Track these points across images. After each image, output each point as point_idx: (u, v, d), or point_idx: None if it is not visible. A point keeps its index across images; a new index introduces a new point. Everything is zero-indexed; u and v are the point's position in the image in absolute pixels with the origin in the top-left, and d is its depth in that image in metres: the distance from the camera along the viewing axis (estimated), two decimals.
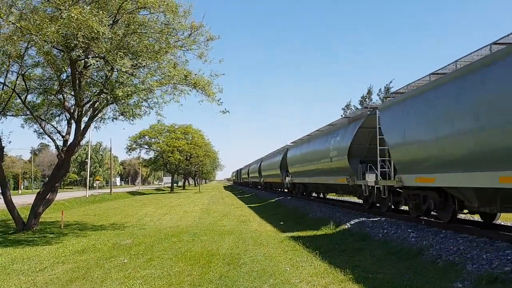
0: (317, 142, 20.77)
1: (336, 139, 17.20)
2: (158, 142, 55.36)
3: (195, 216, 19.90)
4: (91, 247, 11.03)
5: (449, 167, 9.07)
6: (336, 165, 17.05)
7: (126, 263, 8.74)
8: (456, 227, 10.10)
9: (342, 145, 16.23)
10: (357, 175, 15.07)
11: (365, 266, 7.95)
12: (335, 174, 17.52)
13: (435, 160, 9.67)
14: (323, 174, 19.44)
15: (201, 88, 14.07)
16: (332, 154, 17.43)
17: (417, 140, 10.41)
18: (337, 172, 17.12)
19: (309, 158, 21.75)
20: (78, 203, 33.51)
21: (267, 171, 39.75)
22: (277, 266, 8.17)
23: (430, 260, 7.92)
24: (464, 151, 8.48)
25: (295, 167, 25.58)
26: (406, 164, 11.17)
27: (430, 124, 9.77)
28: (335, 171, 17.36)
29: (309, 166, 21.83)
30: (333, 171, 17.62)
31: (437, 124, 9.47)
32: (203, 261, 8.64)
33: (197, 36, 14.01)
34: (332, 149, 17.45)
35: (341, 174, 16.56)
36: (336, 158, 16.93)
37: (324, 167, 18.99)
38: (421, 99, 10.42)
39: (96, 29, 10.41)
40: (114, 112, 15.36)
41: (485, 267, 6.68)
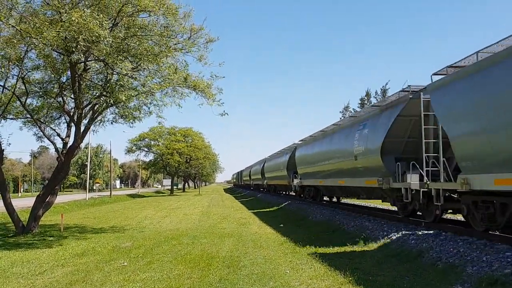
0: (335, 138, 17.71)
1: (363, 132, 14.17)
2: (158, 144, 55.35)
3: (195, 218, 19.89)
4: (90, 250, 11.02)
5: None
6: (363, 164, 14.04)
7: (125, 266, 8.73)
8: (457, 229, 10.09)
9: (373, 139, 13.17)
10: (394, 176, 12.19)
11: (365, 268, 7.94)
12: (361, 175, 14.43)
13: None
14: (343, 175, 16.34)
15: (200, 90, 14.08)
16: (357, 151, 14.32)
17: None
18: (364, 172, 14.08)
19: (325, 157, 18.82)
20: (78, 206, 33.51)
21: (271, 172, 36.69)
22: (277, 268, 8.16)
23: (430, 262, 7.92)
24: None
25: (306, 168, 22.65)
26: (481, 160, 8.26)
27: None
28: (361, 172, 14.34)
29: (325, 166, 18.88)
30: (358, 171, 14.56)
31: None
32: (202, 264, 8.63)
33: (196, 38, 14.06)
34: (357, 145, 14.36)
35: (370, 175, 13.57)
36: (363, 156, 13.90)
37: (345, 167, 15.97)
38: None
39: (96, 32, 10.45)
40: (113, 115, 15.35)
41: (485, 269, 6.67)
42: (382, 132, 12.56)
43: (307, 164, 22.33)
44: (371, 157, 13.31)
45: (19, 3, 11.12)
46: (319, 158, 19.60)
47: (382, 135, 12.45)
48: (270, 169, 37.43)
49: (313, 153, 20.96)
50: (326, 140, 19.12)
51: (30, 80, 14.85)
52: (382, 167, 12.59)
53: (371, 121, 13.98)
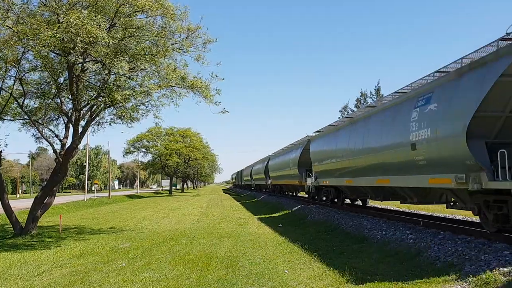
0: (372, 123, 13.18)
1: (428, 108, 9.57)
2: (156, 145, 55.30)
3: (194, 219, 19.87)
4: (89, 251, 11.01)
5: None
6: (429, 155, 9.44)
7: (124, 266, 8.72)
8: (455, 228, 10.11)
9: (450, 117, 8.72)
10: (489, 170, 7.89)
11: (363, 267, 7.95)
12: (421, 171, 9.92)
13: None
14: (388, 172, 11.67)
15: (198, 90, 14.06)
16: (418, 136, 9.72)
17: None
18: (428, 167, 9.59)
19: (355, 150, 14.14)
20: (76, 207, 33.46)
21: (277, 171, 32.15)
22: (276, 268, 8.16)
23: (429, 261, 7.92)
24: None
25: (324, 164, 18.06)
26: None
27: None
28: (422, 167, 9.79)
29: (355, 161, 14.21)
30: (417, 166, 9.97)
31: None
32: (201, 264, 8.63)
33: (194, 38, 14.06)
34: (417, 128, 9.80)
35: (440, 170, 9.13)
36: (429, 143, 9.32)
37: (393, 161, 11.29)
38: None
39: (94, 33, 10.44)
40: (111, 116, 15.33)
41: (483, 268, 6.67)
42: (468, 105, 8.18)
43: (326, 159, 17.72)
44: (445, 144, 8.83)
45: (16, 4, 11.09)
46: (347, 152, 15.07)
47: (471, 108, 8.06)
48: (275, 167, 33.16)
49: (337, 147, 16.35)
50: (358, 128, 14.47)
51: (28, 81, 14.83)
52: (468, 157, 8.15)
53: (442, 91, 9.36)
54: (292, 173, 26.02)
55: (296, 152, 25.23)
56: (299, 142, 26.05)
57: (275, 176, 33.60)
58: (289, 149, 28.71)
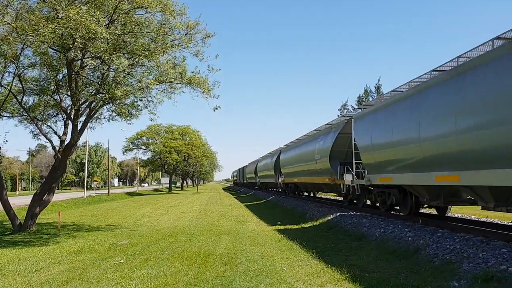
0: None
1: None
2: (155, 142, 55.27)
3: (193, 216, 19.87)
4: (87, 248, 11.00)
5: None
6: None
7: (122, 263, 8.71)
8: (454, 226, 10.11)
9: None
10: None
11: (361, 265, 7.94)
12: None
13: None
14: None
15: (196, 84, 14.04)
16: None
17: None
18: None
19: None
20: (75, 204, 33.46)
21: (292, 166, 25.70)
22: (274, 265, 8.16)
23: (427, 259, 7.92)
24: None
25: (383, 153, 12.32)
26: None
27: None
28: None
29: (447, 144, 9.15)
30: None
31: None
32: (199, 261, 8.62)
33: (193, 34, 14.06)
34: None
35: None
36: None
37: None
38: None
39: (93, 29, 10.41)
40: (110, 112, 15.29)
41: (481, 266, 6.67)
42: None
43: (387, 146, 12.21)
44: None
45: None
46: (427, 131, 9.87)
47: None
48: (290, 161, 26.37)
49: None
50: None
51: (27, 77, 14.79)
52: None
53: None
54: (318, 168, 19.42)
55: (327, 138, 18.57)
56: (330, 126, 19.20)
57: (289, 173, 27.25)
58: (312, 137, 21.94)
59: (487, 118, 7.65)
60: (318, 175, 19.82)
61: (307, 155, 21.63)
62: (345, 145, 17.06)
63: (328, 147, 17.90)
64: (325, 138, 19.11)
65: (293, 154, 25.84)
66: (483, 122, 7.71)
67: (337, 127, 17.94)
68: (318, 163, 19.42)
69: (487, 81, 7.74)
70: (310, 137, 22.66)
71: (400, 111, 11.29)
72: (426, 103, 9.87)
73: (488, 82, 7.71)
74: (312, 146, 20.88)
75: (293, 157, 25.70)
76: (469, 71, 8.35)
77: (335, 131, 18.04)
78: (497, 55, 7.60)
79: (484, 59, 7.98)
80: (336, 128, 18.02)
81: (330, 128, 19.10)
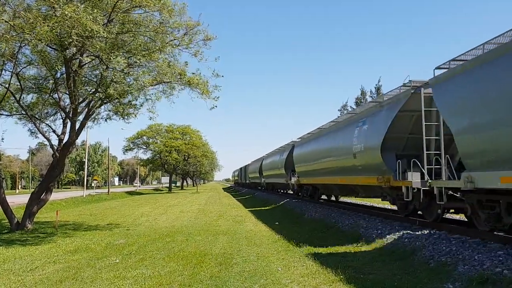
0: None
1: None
2: (156, 142, 55.28)
3: (191, 216, 19.85)
4: (84, 247, 10.98)
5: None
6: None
7: (117, 263, 8.69)
8: (451, 228, 10.07)
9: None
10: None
11: (357, 266, 7.91)
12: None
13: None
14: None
15: (195, 86, 14.04)
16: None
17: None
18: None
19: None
20: (75, 202, 33.45)
21: (311, 163, 20.24)
22: (269, 266, 8.12)
23: (423, 261, 7.88)
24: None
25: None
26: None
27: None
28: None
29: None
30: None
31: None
32: (195, 261, 8.59)
33: (194, 35, 14.04)
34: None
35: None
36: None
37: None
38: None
39: (90, 27, 10.38)
40: (107, 111, 15.26)
41: (477, 268, 6.64)
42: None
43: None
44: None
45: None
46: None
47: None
48: (308, 157, 21.02)
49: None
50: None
51: (25, 76, 14.78)
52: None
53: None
54: (359, 163, 13.92)
55: (376, 121, 12.97)
56: (377, 104, 13.72)
57: (307, 172, 21.70)
58: (346, 122, 16.39)
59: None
60: (358, 173, 14.24)
61: (338, 148, 16.12)
62: (406, 130, 11.96)
63: (381, 133, 12.00)
64: (372, 120, 13.32)
65: (314, 148, 20.01)
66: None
67: (396, 102, 11.98)
68: (359, 156, 13.83)
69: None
70: (341, 123, 17.10)
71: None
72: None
73: None
74: (348, 133, 15.14)
75: (314, 152, 19.97)
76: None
77: (391, 108, 12.10)
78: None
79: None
80: (393, 104, 12.07)
81: (380, 105, 13.26)
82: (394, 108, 11.69)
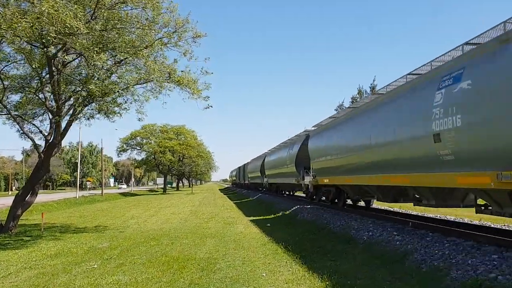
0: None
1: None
2: (150, 142, 54.71)
3: (182, 218, 19.45)
4: (65, 251, 10.57)
5: None
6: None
7: (95, 268, 8.28)
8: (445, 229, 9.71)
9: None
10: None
11: (345, 271, 7.53)
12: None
13: None
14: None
15: (185, 85, 13.70)
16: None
17: None
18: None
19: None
20: (67, 204, 33.01)
21: (337, 156, 14.82)
22: (254, 271, 7.74)
23: (414, 265, 7.52)
24: None
25: None
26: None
27: None
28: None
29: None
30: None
31: None
32: (176, 267, 8.19)
33: (183, 32, 13.74)
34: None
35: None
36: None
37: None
38: None
39: (69, 23, 9.98)
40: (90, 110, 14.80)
41: (470, 273, 6.28)
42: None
43: None
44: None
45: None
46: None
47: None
48: (330, 151, 15.76)
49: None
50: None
51: (9, 75, 14.35)
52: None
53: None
54: (449, 150, 7.75)
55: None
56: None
57: (327, 169, 16.23)
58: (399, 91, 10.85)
59: None
60: (445, 168, 8.31)
61: (402, 126, 9.79)
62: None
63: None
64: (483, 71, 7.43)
65: (342, 136, 14.59)
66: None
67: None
68: (449, 137, 7.96)
69: None
70: (401, 88, 10.90)
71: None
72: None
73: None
74: (420, 99, 8.97)
75: (342, 141, 14.49)
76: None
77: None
78: None
79: None
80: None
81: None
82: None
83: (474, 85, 7.03)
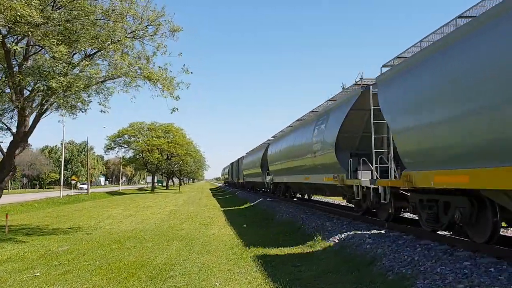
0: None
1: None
2: (137, 141, 53.78)
3: (159, 218, 18.77)
4: (18, 256, 9.85)
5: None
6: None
7: (37, 276, 7.60)
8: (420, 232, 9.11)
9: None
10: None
11: (307, 278, 6.92)
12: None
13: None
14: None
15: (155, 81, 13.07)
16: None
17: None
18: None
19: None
20: (48, 203, 32.22)
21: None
22: (208, 280, 7.09)
23: (381, 272, 6.90)
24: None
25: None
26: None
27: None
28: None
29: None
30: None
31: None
32: (125, 275, 7.52)
33: (158, 25, 13.21)
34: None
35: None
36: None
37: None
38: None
39: (19, 11, 9.29)
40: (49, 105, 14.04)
41: (437, 283, 5.68)
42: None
43: None
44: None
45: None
46: None
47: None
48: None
49: None
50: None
51: None
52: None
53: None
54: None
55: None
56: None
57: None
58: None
59: None
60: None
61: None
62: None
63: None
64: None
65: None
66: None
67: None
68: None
69: None
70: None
71: None
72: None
73: None
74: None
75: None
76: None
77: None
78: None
79: None
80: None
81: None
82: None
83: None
